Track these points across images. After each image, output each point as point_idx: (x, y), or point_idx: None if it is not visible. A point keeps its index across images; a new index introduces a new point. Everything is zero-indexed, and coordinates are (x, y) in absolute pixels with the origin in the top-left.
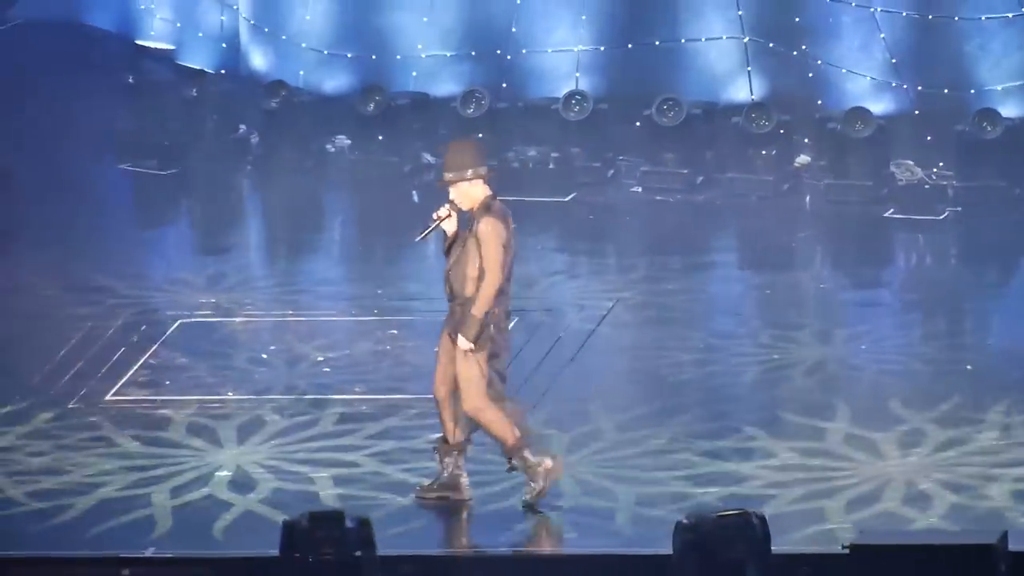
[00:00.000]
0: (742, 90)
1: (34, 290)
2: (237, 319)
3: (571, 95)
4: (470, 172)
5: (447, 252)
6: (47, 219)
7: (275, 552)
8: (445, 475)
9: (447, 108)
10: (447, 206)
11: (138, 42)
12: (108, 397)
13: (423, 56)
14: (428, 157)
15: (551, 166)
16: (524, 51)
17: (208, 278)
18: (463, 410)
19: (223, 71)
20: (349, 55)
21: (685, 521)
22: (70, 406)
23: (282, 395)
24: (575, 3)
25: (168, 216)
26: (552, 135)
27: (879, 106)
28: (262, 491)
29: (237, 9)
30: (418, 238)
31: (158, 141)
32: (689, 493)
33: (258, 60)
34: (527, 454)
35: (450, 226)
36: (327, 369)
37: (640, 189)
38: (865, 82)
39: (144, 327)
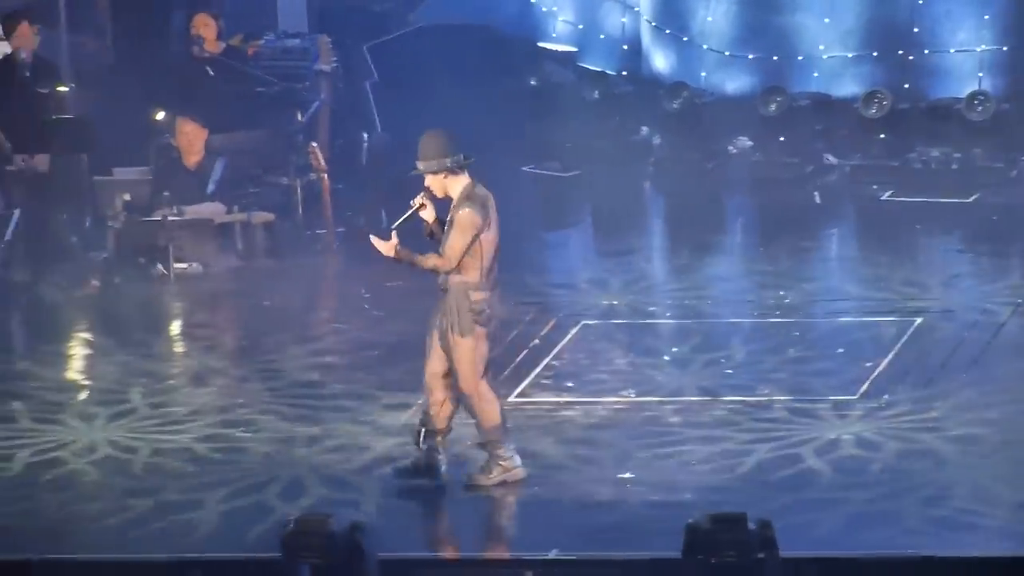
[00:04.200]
0: None
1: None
2: (639, 321)
3: (974, 95)
4: (435, 164)
5: (429, 238)
6: None
7: (677, 555)
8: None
9: (849, 109)
10: (422, 195)
11: (540, 44)
12: (511, 399)
13: (824, 57)
14: (830, 158)
15: (953, 167)
16: (926, 51)
17: (610, 279)
18: (458, 392)
19: (624, 73)
20: (750, 56)
21: None
22: None
23: (683, 396)
24: (978, 3)
25: (571, 217)
26: (955, 135)
27: None
28: (672, 492)
29: (639, 11)
30: (394, 225)
31: (560, 143)
32: None
33: (660, 62)
34: (501, 450)
35: (428, 214)
36: (728, 371)
37: None
38: None
39: (547, 328)
